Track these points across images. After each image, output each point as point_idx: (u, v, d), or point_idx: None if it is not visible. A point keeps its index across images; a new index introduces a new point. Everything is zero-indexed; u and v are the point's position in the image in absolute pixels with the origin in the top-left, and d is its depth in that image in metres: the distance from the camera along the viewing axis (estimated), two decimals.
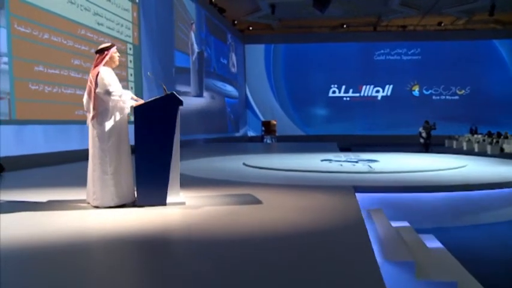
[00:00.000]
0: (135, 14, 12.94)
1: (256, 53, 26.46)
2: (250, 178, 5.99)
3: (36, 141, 8.52)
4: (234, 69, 24.42)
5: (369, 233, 3.48)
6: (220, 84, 22.18)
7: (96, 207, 3.94)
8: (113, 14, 11.67)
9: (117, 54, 4.17)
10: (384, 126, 24.60)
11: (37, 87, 8.61)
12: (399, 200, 5.05)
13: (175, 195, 3.98)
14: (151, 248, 2.79)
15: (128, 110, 4.03)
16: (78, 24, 10.07)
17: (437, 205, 5.03)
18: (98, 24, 10.92)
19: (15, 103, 7.99)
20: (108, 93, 3.90)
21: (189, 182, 6.01)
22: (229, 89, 23.88)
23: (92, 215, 3.72)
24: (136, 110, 3.93)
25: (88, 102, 3.99)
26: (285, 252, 2.59)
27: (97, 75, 3.94)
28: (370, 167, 7.07)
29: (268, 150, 14.28)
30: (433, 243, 4.15)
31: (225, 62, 23.11)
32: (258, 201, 4.16)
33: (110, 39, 11.47)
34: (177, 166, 4.00)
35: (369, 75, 25.39)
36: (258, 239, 2.88)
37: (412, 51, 25.33)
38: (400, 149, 13.76)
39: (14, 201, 4.41)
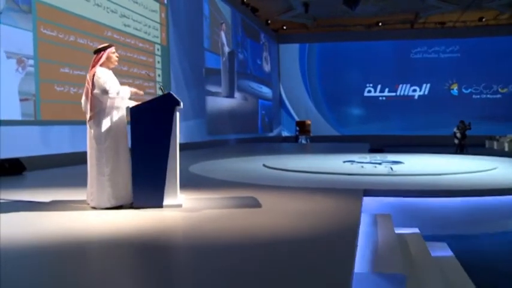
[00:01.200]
0: (163, 15, 13.06)
1: (290, 52, 26.24)
2: (262, 180, 5.87)
3: (61, 141, 8.71)
4: (267, 69, 24.33)
5: (368, 241, 3.30)
6: (255, 85, 22.22)
7: (94, 208, 3.93)
8: (140, 15, 11.81)
9: (115, 54, 4.14)
10: (420, 127, 23.83)
11: (62, 88, 8.79)
12: (413, 204, 4.79)
13: (173, 198, 3.91)
14: (137, 250, 2.73)
15: (128, 105, 3.99)
16: (104, 26, 10.23)
17: (453, 211, 4.74)
18: (125, 25, 11.07)
19: (40, 104, 8.19)
20: (105, 92, 3.87)
21: (197, 183, 5.96)
22: (265, 90, 23.89)
23: (85, 216, 3.70)
24: (132, 110, 3.89)
25: (86, 103, 3.98)
26: (254, 260, 2.45)
27: (93, 76, 3.93)
28: (391, 169, 6.79)
29: (297, 150, 14.09)
30: (443, 252, 3.90)
31: (259, 62, 23.10)
32: (258, 205, 4.04)
33: (137, 40, 11.62)
34: (175, 168, 3.93)
35: (405, 74, 24.66)
36: (236, 246, 2.76)
37: (451, 48, 24.39)
38: (434, 150, 13.25)
39: (19, 200, 4.47)
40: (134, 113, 3.88)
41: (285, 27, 25.34)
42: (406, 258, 3.14)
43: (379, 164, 7.68)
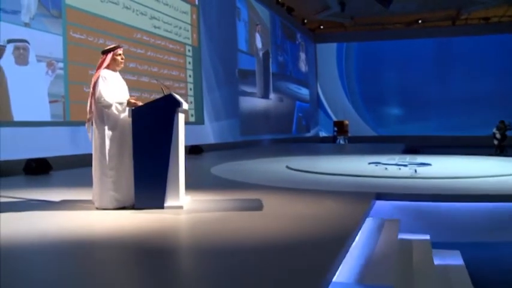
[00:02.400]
0: (194, 16, 13.17)
1: (328, 52, 25.93)
2: (278, 182, 5.78)
3: (89, 141, 8.90)
4: (304, 69, 24.16)
5: (365, 248, 3.17)
6: (293, 86, 22.22)
7: (97, 208, 3.98)
8: (171, 17, 11.95)
9: (121, 56, 4.18)
10: (461, 127, 22.92)
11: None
12: (429, 209, 4.57)
13: (175, 199, 3.91)
14: (127, 251, 2.74)
15: (125, 114, 4.02)
16: (133, 28, 10.43)
17: (472, 216, 4.48)
18: (155, 27, 11.24)
19: (69, 105, 8.43)
20: (98, 102, 3.92)
21: (211, 184, 5.96)
22: (304, 91, 23.81)
23: (83, 215, 3.76)
24: (134, 111, 3.91)
25: (89, 105, 4.04)
26: (220, 266, 2.39)
27: (96, 80, 3.98)
28: (415, 171, 6.54)
29: (330, 151, 13.86)
30: (453, 261, 3.70)
31: (296, 63, 23.02)
32: (258, 208, 3.97)
33: (167, 41, 11.77)
34: (177, 169, 3.92)
35: (446, 72, 23.79)
36: (218, 249, 2.71)
37: (495, 45, 23.31)
38: (473, 152, 12.68)
39: (31, 199, 4.59)
40: (136, 114, 3.90)
41: (322, 27, 25.07)
42: (403, 267, 2.99)
43: (405, 166, 7.42)
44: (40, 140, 7.83)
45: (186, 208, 3.95)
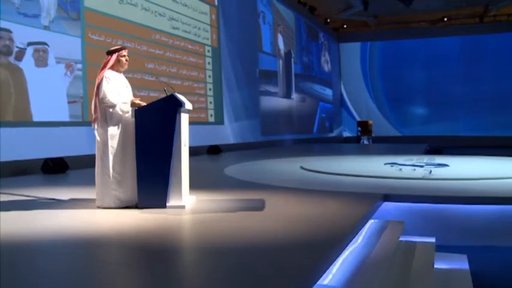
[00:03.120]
0: (213, 17, 13.24)
1: (351, 51, 25.67)
2: (288, 182, 5.75)
3: None
4: (327, 69, 24.00)
5: (361, 250, 3.12)
6: (317, 87, 22.19)
7: (98, 207, 4.04)
8: (190, 17, 12.05)
9: (125, 57, 4.23)
10: (488, 126, 22.32)
11: None
12: (436, 211, 4.46)
13: (177, 199, 3.94)
14: (116, 249, 2.78)
15: (127, 115, 4.07)
16: (152, 29, 10.55)
17: (480, 219, 4.35)
18: (173, 28, 11.35)
19: (87, 106, 8.58)
20: (102, 103, 3.98)
21: (219, 184, 5.97)
22: (327, 92, 23.73)
23: (86, 215, 3.81)
24: (136, 112, 3.96)
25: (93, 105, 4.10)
26: (202, 266, 2.39)
27: (100, 81, 4.04)
28: (430, 172, 6.40)
29: (350, 152, 13.70)
30: (458, 264, 3.60)
31: (319, 63, 22.93)
32: (259, 208, 3.95)
33: (186, 42, 11.87)
34: (180, 169, 3.94)
35: (473, 71, 23.20)
36: (209, 249, 2.71)
37: None
38: (500, 153, 12.31)
39: (42, 197, 4.70)
40: (138, 114, 3.94)
41: (345, 26, 24.82)
42: (399, 270, 2.92)
43: (421, 167, 7.27)
44: (58, 139, 8.01)
45: (190, 208, 3.97)
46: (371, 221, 3.84)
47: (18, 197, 4.84)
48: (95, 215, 3.81)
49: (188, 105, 4.14)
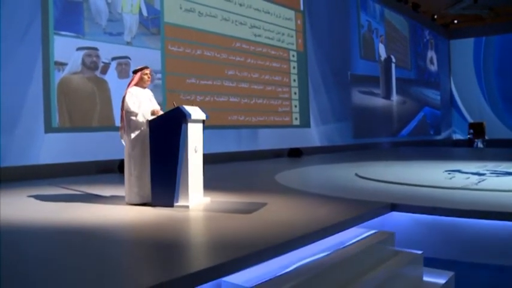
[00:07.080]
0: (299, 22, 13.49)
1: (463, 48, 23.97)
2: (323, 189, 5.75)
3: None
4: (433, 68, 22.77)
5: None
6: (426, 91, 21.72)
7: (127, 203, 4.67)
8: (273, 24, 12.45)
9: (147, 75, 4.80)
10: None
11: (189, 97, 9.97)
12: (453, 224, 4.25)
13: (184, 199, 4.40)
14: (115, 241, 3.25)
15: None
16: (233, 38, 11.17)
17: (495, 235, 4.05)
18: (255, 35, 11.85)
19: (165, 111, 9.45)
20: (127, 111, 4.59)
21: (255, 187, 6.11)
22: (434, 92, 22.75)
23: (108, 209, 4.43)
24: (150, 122, 4.50)
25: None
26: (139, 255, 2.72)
27: (125, 96, 4.67)
28: (478, 182, 5.96)
29: (442, 157, 12.79)
30: (440, 279, 3.48)
31: (424, 63, 22.05)
32: (260, 210, 4.22)
33: (269, 48, 12.30)
34: (187, 173, 4.39)
35: None
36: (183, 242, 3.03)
37: None
38: None
39: (87, 193, 5.45)
40: (152, 124, 4.48)
41: (456, 21, 23.27)
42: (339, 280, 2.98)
43: (482, 175, 6.77)
44: None
45: (196, 208, 4.39)
46: (356, 229, 3.86)
47: (70, 191, 5.70)
48: (115, 210, 4.41)
49: (199, 115, 4.56)
